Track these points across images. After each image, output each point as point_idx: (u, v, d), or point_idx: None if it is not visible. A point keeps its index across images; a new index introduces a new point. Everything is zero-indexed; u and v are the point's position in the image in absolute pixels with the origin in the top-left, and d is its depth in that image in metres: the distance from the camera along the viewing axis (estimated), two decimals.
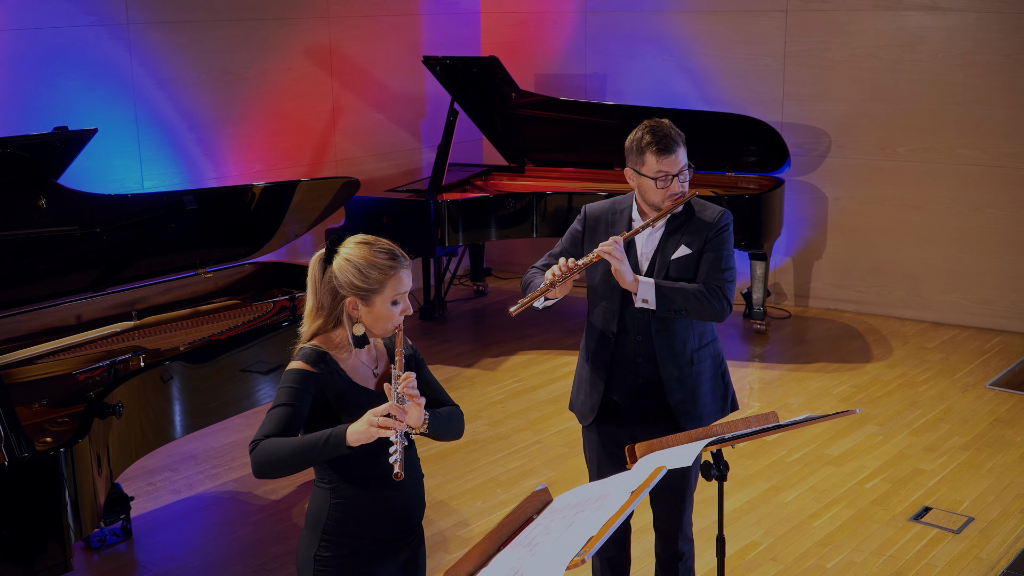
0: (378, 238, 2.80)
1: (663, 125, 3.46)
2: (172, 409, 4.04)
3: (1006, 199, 7.37)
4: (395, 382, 2.67)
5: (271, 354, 4.47)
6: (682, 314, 3.44)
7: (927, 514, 4.92)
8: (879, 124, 7.71)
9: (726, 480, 3.09)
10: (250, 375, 4.42)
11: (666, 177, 3.43)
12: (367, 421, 2.55)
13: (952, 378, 6.65)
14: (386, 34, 8.22)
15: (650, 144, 3.42)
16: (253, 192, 4.76)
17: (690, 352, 3.56)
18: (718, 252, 3.52)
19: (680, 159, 3.45)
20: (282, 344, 4.49)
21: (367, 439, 2.56)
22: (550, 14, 8.75)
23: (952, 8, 7.32)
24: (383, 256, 2.74)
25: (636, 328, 3.53)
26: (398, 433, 2.54)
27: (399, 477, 2.49)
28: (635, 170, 3.48)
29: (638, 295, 3.42)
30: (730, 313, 3.62)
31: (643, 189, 3.49)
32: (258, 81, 7.38)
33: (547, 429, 5.96)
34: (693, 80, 8.22)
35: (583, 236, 3.64)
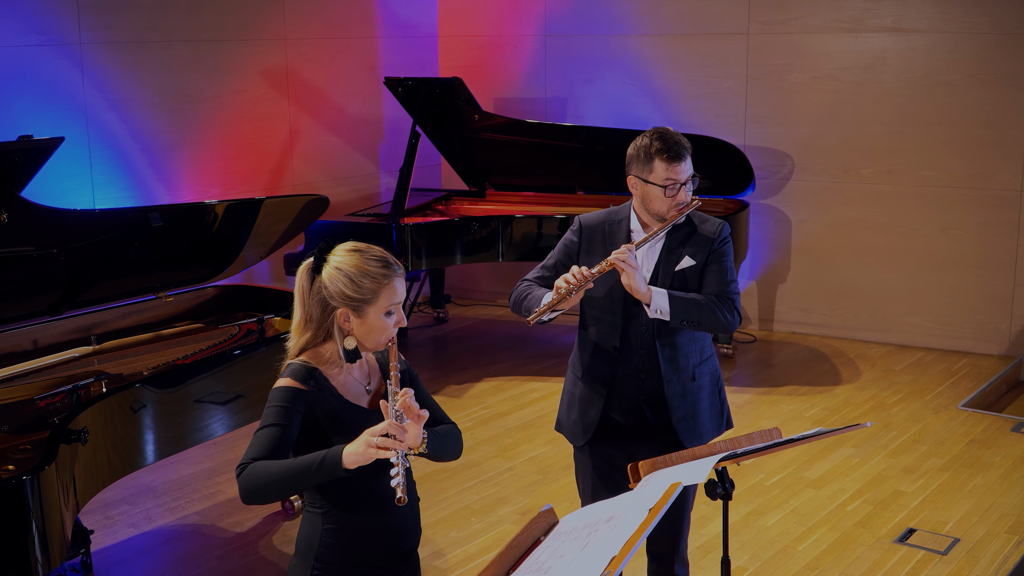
0: (369, 245, 2.64)
1: (671, 132, 3.36)
2: (139, 436, 3.84)
3: (970, 220, 7.38)
4: (392, 399, 2.51)
5: (242, 377, 4.27)
6: (694, 325, 3.33)
7: (912, 536, 4.83)
8: (842, 146, 7.70)
9: (731, 499, 2.96)
10: (220, 399, 4.22)
11: (674, 185, 3.33)
12: (364, 442, 2.38)
13: (923, 399, 6.61)
14: (344, 57, 8.08)
15: (660, 151, 3.32)
16: (218, 209, 4.57)
17: (692, 367, 3.45)
18: (722, 264, 3.42)
19: (688, 167, 3.35)
20: (255, 367, 4.30)
21: (365, 461, 2.39)
22: (509, 37, 8.66)
23: (914, 29, 7.35)
24: (376, 264, 2.58)
25: (640, 342, 3.41)
26: (399, 454, 2.38)
27: (403, 502, 2.33)
28: (641, 178, 3.36)
29: (651, 306, 3.30)
30: (739, 325, 3.51)
31: (649, 198, 3.37)
32: (214, 103, 7.19)
33: (518, 456, 5.80)
34: (655, 103, 8.16)
35: (579, 247, 3.51)
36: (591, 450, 3.53)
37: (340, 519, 2.57)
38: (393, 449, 2.37)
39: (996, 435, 6.02)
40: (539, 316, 3.29)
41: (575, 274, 3.25)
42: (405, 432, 2.42)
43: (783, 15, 7.73)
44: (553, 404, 6.57)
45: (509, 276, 8.99)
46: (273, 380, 2.58)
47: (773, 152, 7.81)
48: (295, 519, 5.07)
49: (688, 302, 3.32)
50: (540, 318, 3.31)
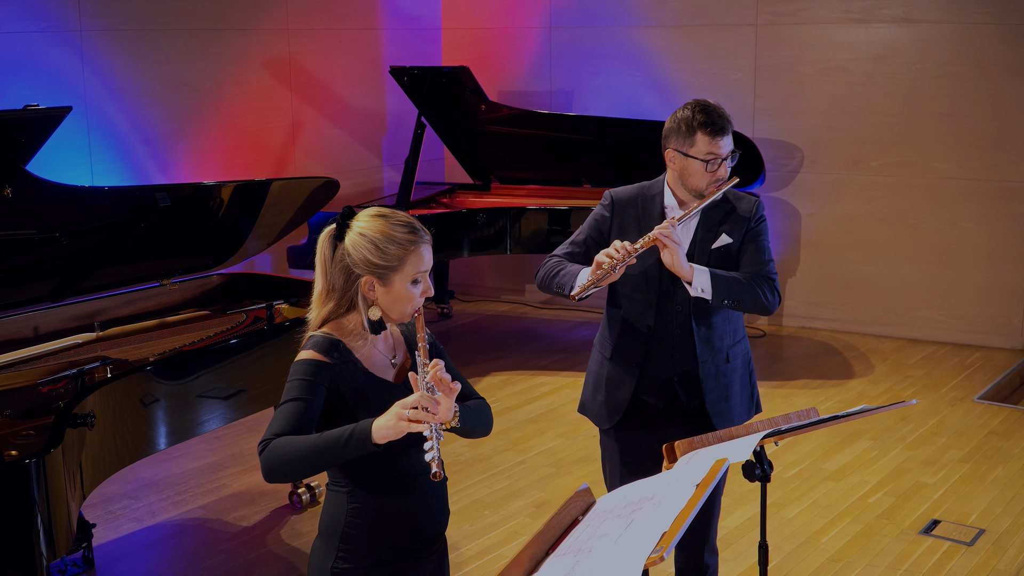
0: (394, 210, 2.52)
1: (713, 104, 3.23)
2: (146, 422, 3.70)
3: (982, 212, 7.28)
4: (422, 370, 2.38)
5: (252, 363, 4.15)
6: (735, 305, 3.21)
7: (937, 527, 4.72)
8: (852, 138, 7.60)
9: (770, 480, 2.84)
10: (228, 385, 4.09)
11: (716, 160, 3.20)
12: (396, 415, 2.26)
13: (938, 392, 6.50)
14: (347, 48, 7.96)
15: (704, 124, 3.19)
16: (225, 190, 4.44)
17: (727, 348, 3.33)
18: (760, 243, 3.31)
19: (730, 142, 3.23)
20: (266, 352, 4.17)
21: (396, 435, 2.26)
22: (514, 30, 8.55)
23: (925, 20, 7.25)
24: (402, 229, 2.45)
25: (676, 321, 3.28)
26: (432, 427, 2.25)
27: (438, 477, 2.20)
28: (681, 151, 3.23)
29: (694, 284, 3.17)
30: (778, 306, 3.38)
31: (688, 172, 3.24)
32: (215, 93, 7.07)
33: (530, 449, 5.68)
34: (662, 95, 8.05)
35: (611, 223, 3.37)
36: (617, 434, 3.41)
37: (366, 499, 2.45)
38: (426, 422, 2.24)
39: (1015, 427, 5.91)
40: (584, 291, 3.16)
41: (618, 249, 3.11)
42: (438, 404, 2.29)
43: (792, 5, 7.63)
44: (563, 398, 6.46)
45: (513, 271, 8.87)
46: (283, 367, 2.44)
47: (782, 144, 7.71)
48: (303, 512, 4.94)
49: (731, 280, 3.20)
50: (584, 294, 3.18)
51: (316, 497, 5.01)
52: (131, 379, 3.71)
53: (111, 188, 4.27)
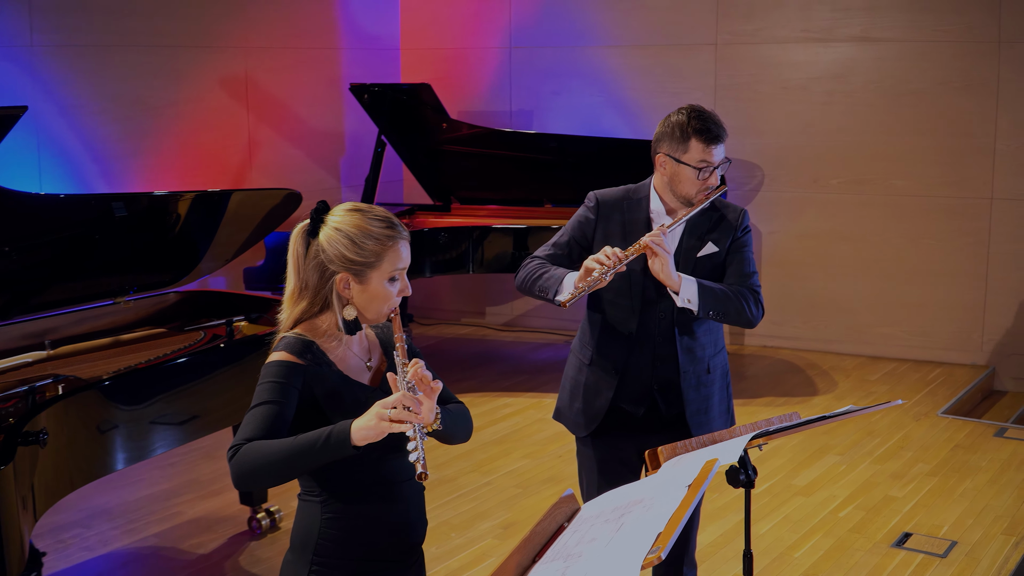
0: (371, 205, 2.42)
1: (707, 110, 3.16)
2: (101, 443, 3.55)
3: (941, 229, 7.30)
4: (401, 370, 2.28)
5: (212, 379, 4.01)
6: (720, 317, 3.14)
7: (909, 540, 4.67)
8: (812, 157, 7.62)
9: (754, 486, 2.76)
10: (187, 403, 3.95)
11: (708, 168, 3.13)
12: (376, 415, 2.15)
13: (902, 408, 6.48)
14: (304, 67, 7.86)
15: (699, 131, 3.10)
16: (184, 199, 4.30)
17: (708, 358, 3.26)
18: (744, 254, 3.25)
19: (723, 150, 3.15)
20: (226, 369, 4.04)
21: (376, 436, 2.15)
22: (473, 50, 8.50)
23: (883, 38, 7.30)
24: (379, 224, 2.36)
25: (659, 329, 3.20)
26: (416, 427, 2.15)
27: (424, 478, 2.10)
28: (673, 157, 3.15)
29: (680, 295, 3.09)
30: (761, 319, 3.32)
31: (679, 179, 3.15)
32: (170, 111, 6.93)
33: (496, 470, 5.57)
34: (622, 114, 8.03)
35: (595, 224, 3.29)
36: (595, 442, 3.32)
37: (341, 508, 2.33)
38: (409, 422, 2.14)
39: (980, 440, 5.90)
40: (575, 299, 3.06)
41: (608, 255, 3.03)
42: (420, 404, 2.19)
43: (751, 25, 7.65)
44: (528, 419, 6.36)
45: (473, 294, 8.78)
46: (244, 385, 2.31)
47: (743, 163, 7.70)
48: (263, 539, 4.79)
49: (717, 293, 3.13)
50: (573, 302, 3.08)
51: (276, 522, 4.86)
52: (85, 396, 3.56)
53: (66, 196, 4.12)
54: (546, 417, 6.37)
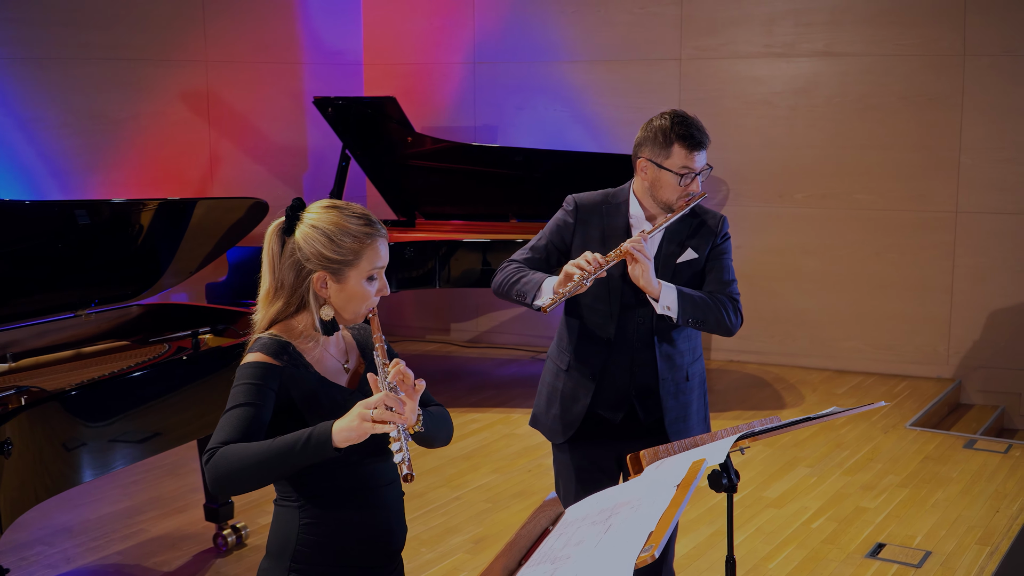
0: (348, 203, 2.37)
1: (690, 116, 3.13)
2: (68, 454, 3.45)
3: (906, 243, 7.34)
4: (382, 371, 2.22)
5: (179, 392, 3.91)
6: (699, 325, 3.10)
7: (883, 550, 4.65)
8: (776, 171, 7.64)
9: (736, 491, 2.72)
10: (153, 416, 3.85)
11: (690, 174, 3.10)
12: (359, 415, 2.09)
13: (870, 420, 6.48)
14: (267, 81, 7.78)
15: (683, 137, 3.06)
16: (149, 207, 4.21)
17: (686, 366, 3.23)
18: (723, 262, 3.22)
19: (704, 156, 3.12)
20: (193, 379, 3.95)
21: (358, 437, 2.09)
22: (437, 65, 8.46)
23: (846, 52, 7.34)
24: (357, 222, 2.30)
25: (637, 335, 3.16)
26: (399, 428, 2.09)
27: (410, 479, 2.04)
28: (654, 162, 3.11)
29: (660, 301, 3.05)
30: (740, 328, 3.28)
31: (660, 184, 3.12)
32: (130, 125, 6.83)
33: (465, 485, 5.50)
34: (587, 129, 8.02)
35: (574, 228, 3.24)
36: (572, 449, 3.26)
37: (320, 513, 2.26)
38: (392, 423, 2.08)
39: (949, 452, 5.90)
40: (555, 304, 3.01)
41: (589, 261, 2.98)
42: (403, 404, 2.13)
43: (715, 40, 7.68)
44: (496, 434, 6.30)
45: (438, 310, 8.72)
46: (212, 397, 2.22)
47: (708, 178, 7.69)
48: (228, 556, 4.68)
49: (697, 300, 3.10)
50: (553, 308, 3.03)
51: (243, 539, 4.76)
52: (49, 407, 3.46)
53: (31, 203, 4.02)
54: (514, 432, 6.31)
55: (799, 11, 7.44)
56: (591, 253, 3.01)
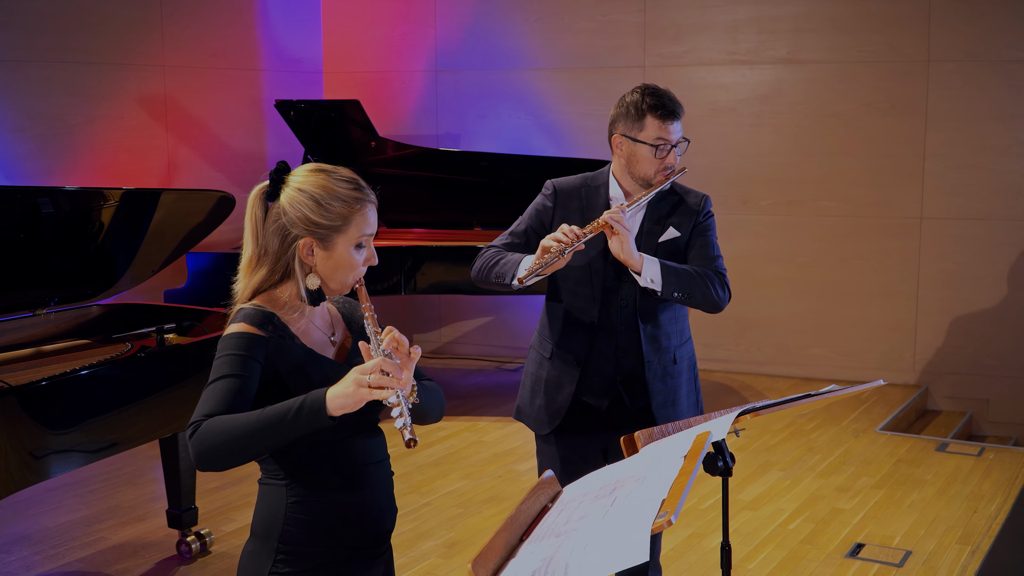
0: (335, 166, 2.27)
1: (662, 88, 3.09)
2: (29, 447, 3.29)
3: (871, 249, 7.34)
4: (374, 339, 2.11)
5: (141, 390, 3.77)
6: (685, 299, 3.03)
7: (862, 550, 4.59)
8: (742, 178, 7.62)
9: (731, 475, 2.63)
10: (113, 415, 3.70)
11: (665, 146, 3.05)
12: (354, 381, 1.97)
13: (840, 425, 6.45)
14: (226, 88, 7.64)
15: (654, 107, 3.04)
16: (112, 197, 4.06)
17: (673, 348, 3.15)
18: (709, 238, 3.17)
19: (680, 128, 3.08)
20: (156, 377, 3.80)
21: (355, 404, 1.98)
22: (398, 73, 8.37)
23: (810, 60, 7.35)
24: (346, 186, 2.20)
25: (621, 317, 3.08)
26: (398, 393, 1.98)
27: (413, 445, 1.93)
28: (629, 136, 3.07)
29: (643, 274, 2.98)
30: (728, 303, 3.21)
31: (636, 159, 3.07)
32: (87, 129, 6.66)
33: (435, 491, 5.37)
34: (551, 137, 7.96)
35: (553, 213, 3.18)
36: (557, 440, 3.17)
37: (307, 492, 2.15)
38: (390, 388, 1.97)
39: (921, 455, 5.87)
40: (531, 275, 2.92)
41: (566, 232, 2.92)
42: (401, 370, 2.02)
43: (679, 47, 7.66)
44: (463, 441, 6.18)
45: (400, 321, 8.58)
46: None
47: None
48: (192, 564, 4.52)
49: (681, 272, 3.03)
50: (530, 279, 2.94)
51: (207, 546, 4.60)
52: (6, 401, 3.31)
53: None
54: (482, 439, 6.20)
55: (762, 18, 7.45)
56: (567, 225, 2.94)
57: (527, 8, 8.00)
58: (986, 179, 6.99)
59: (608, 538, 1.78)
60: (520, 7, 8.02)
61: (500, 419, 6.54)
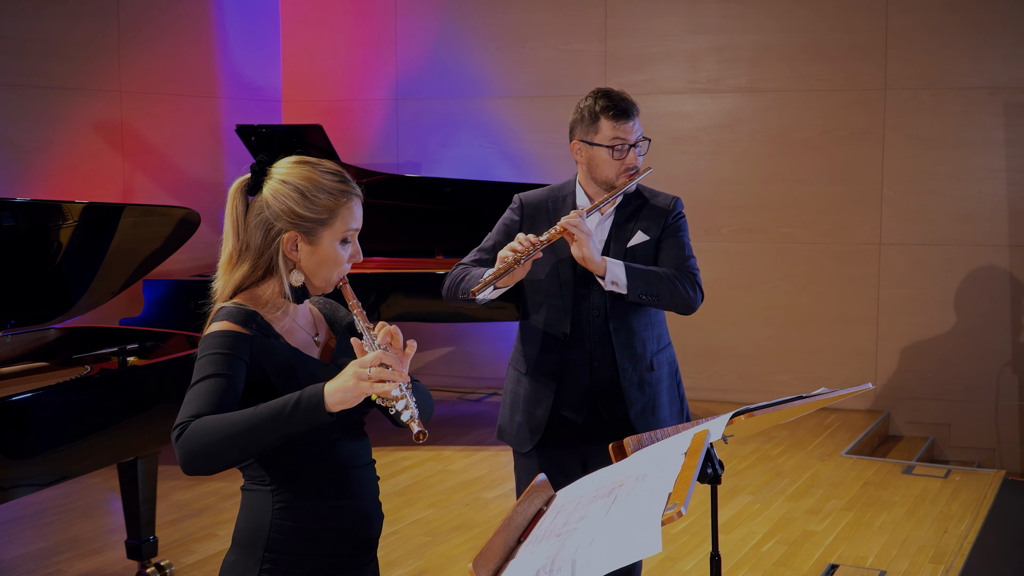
0: (319, 159, 2.20)
1: (615, 90, 3.09)
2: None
3: (832, 276, 7.38)
4: (368, 335, 2.04)
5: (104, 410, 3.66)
6: (653, 300, 2.99)
7: (837, 571, 4.56)
8: (703, 206, 7.63)
9: (720, 482, 2.58)
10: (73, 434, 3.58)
11: (623, 147, 3.04)
12: (354, 375, 1.90)
13: (805, 450, 6.43)
14: (183, 114, 7.55)
15: (606, 108, 3.05)
16: (73, 211, 3.94)
17: (650, 355, 3.10)
18: (679, 238, 3.14)
19: (637, 127, 3.07)
20: None
21: (354, 399, 1.91)
22: (359, 102, 8.32)
23: (769, 88, 7.41)
24: (332, 178, 2.14)
25: (592, 327, 3.04)
26: (401, 386, 1.92)
27: (422, 437, 1.86)
28: (586, 141, 3.07)
29: (606, 278, 2.95)
30: (700, 304, 3.18)
31: (595, 163, 3.07)
32: (41, 155, 6.53)
33: (401, 520, 5.26)
34: (514, 165, 7.95)
35: (520, 226, 3.16)
36: (538, 455, 3.11)
37: (294, 497, 2.07)
38: (392, 381, 1.90)
39: (888, 477, 5.87)
40: (483, 287, 2.89)
41: (522, 242, 2.89)
42: (401, 362, 1.96)
43: (640, 76, 7.69)
44: (428, 470, 6.09)
45: None
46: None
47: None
48: None
49: (647, 273, 3.00)
50: (483, 292, 2.90)
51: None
52: None
53: None
54: (447, 468, 6.10)
55: (722, 48, 7.50)
56: (523, 235, 2.91)
57: (489, 37, 8.00)
58: (943, 205, 7.06)
59: (616, 532, 1.72)
60: (482, 36, 8.02)
61: (465, 448, 6.45)
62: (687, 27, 7.58)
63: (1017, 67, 6.81)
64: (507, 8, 7.95)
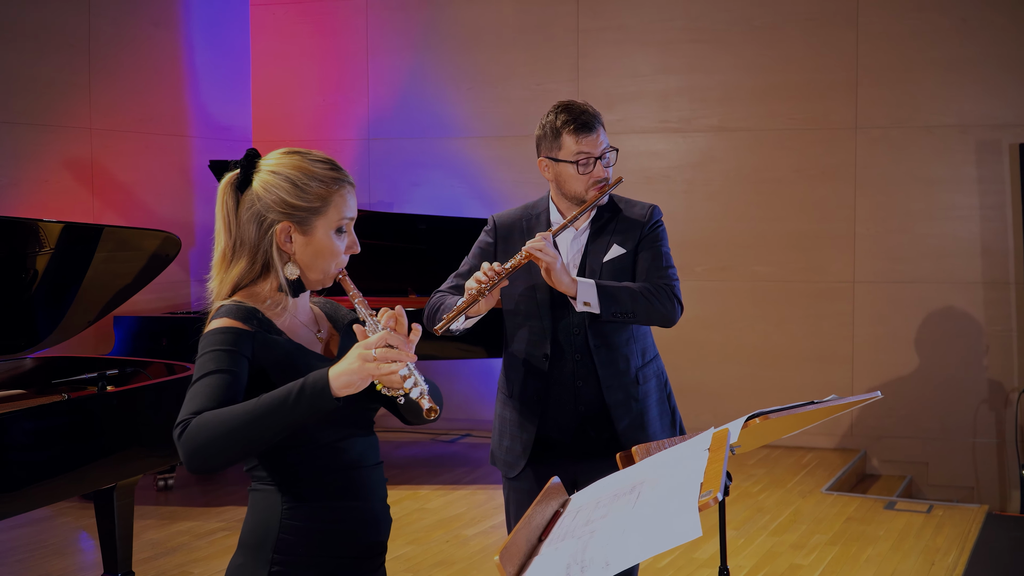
0: (309, 148, 2.16)
1: (577, 102, 3.06)
2: None
3: (804, 313, 7.39)
4: (371, 321, 1.98)
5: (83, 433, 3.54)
6: (629, 317, 2.94)
7: None
8: (676, 244, 7.56)
9: (728, 495, 2.53)
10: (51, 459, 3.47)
11: (588, 160, 3.01)
12: (359, 356, 1.84)
13: (785, 487, 6.39)
14: (153, 153, 7.47)
15: (567, 123, 3.02)
16: (51, 231, 3.85)
17: (635, 370, 3.04)
18: (657, 249, 3.09)
19: (602, 139, 3.04)
20: None
21: (361, 383, 1.84)
22: (330, 141, 8.29)
23: (741, 128, 7.46)
24: (322, 166, 2.09)
25: (573, 346, 2.99)
26: (409, 365, 1.85)
27: (434, 415, 1.80)
28: (551, 158, 3.06)
29: (578, 298, 2.89)
30: (680, 315, 3.13)
31: (563, 179, 3.04)
32: (10, 192, 6.42)
33: None
34: (486, 203, 7.92)
35: (495, 248, 3.11)
36: (526, 477, 3.05)
37: (302, 496, 2.00)
38: (399, 361, 1.84)
39: (871, 513, 5.83)
40: (447, 324, 2.84)
41: (486, 271, 2.85)
42: (406, 343, 1.90)
43: (612, 115, 7.72)
44: (405, 508, 5.98)
45: None
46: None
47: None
48: None
49: (619, 291, 2.95)
50: (448, 327, 2.85)
51: None
52: None
53: None
54: (425, 507, 6.00)
55: (693, 87, 7.56)
56: (488, 264, 2.87)
57: (460, 77, 8.02)
58: (916, 243, 7.11)
59: (650, 521, 1.66)
60: (453, 76, 8.03)
61: (440, 487, 6.35)
62: (658, 67, 7.63)
63: (987, 104, 6.90)
64: (479, 48, 7.98)
